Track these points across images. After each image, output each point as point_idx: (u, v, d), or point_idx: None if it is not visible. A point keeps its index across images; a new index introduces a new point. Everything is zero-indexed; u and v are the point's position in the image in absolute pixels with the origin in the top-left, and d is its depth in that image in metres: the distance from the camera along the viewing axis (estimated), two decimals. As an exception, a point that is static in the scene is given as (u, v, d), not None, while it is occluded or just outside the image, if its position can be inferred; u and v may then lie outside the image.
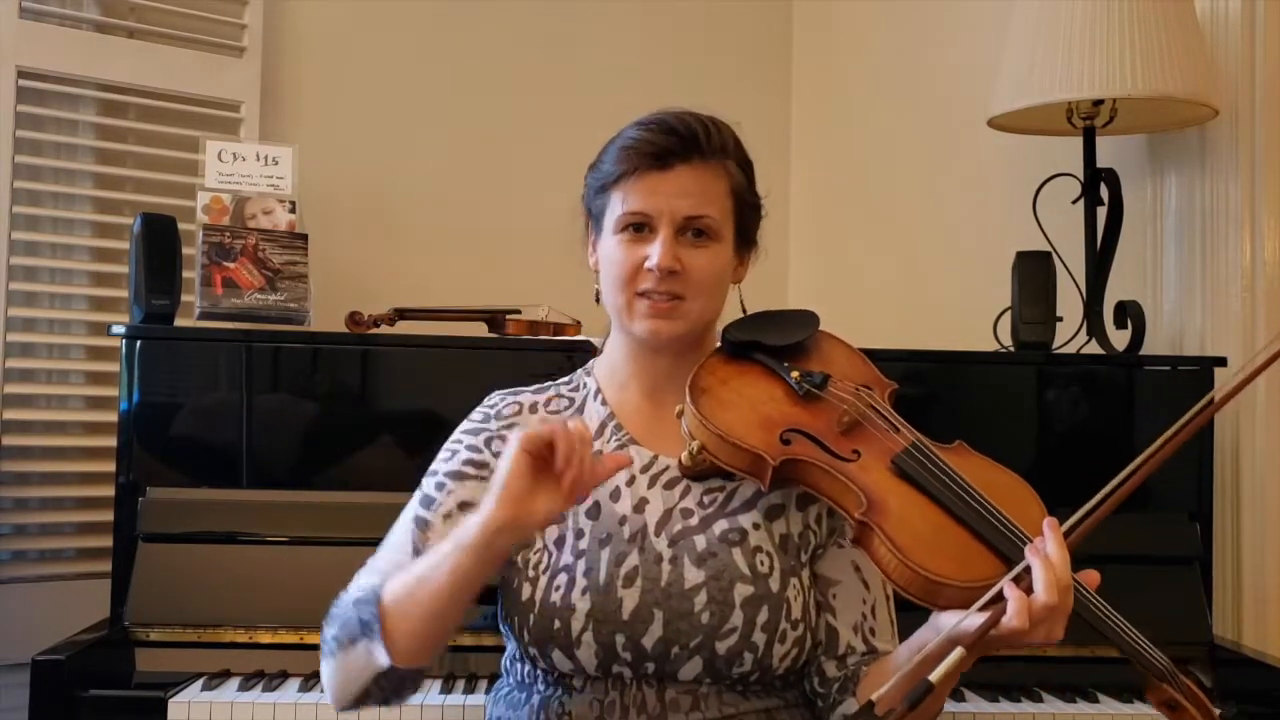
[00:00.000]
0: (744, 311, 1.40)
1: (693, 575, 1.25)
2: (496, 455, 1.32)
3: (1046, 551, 1.11)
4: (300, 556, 1.85)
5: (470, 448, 1.35)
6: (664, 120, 1.31)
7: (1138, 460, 1.17)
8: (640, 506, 1.30)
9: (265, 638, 1.79)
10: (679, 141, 1.29)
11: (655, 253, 1.27)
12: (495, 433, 1.35)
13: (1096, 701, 1.75)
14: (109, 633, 1.78)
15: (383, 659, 1.18)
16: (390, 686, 1.21)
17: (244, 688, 1.69)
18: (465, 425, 1.38)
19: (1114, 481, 1.16)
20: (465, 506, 1.30)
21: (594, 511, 1.30)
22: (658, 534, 1.28)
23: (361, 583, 1.26)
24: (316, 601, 1.81)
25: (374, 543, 1.85)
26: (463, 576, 1.15)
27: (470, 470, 1.33)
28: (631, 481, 1.31)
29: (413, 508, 1.33)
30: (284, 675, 1.75)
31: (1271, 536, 2.13)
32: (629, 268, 1.29)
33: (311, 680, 1.73)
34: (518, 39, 2.81)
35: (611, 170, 1.31)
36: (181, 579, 1.82)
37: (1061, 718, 1.70)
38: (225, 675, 1.74)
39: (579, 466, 1.11)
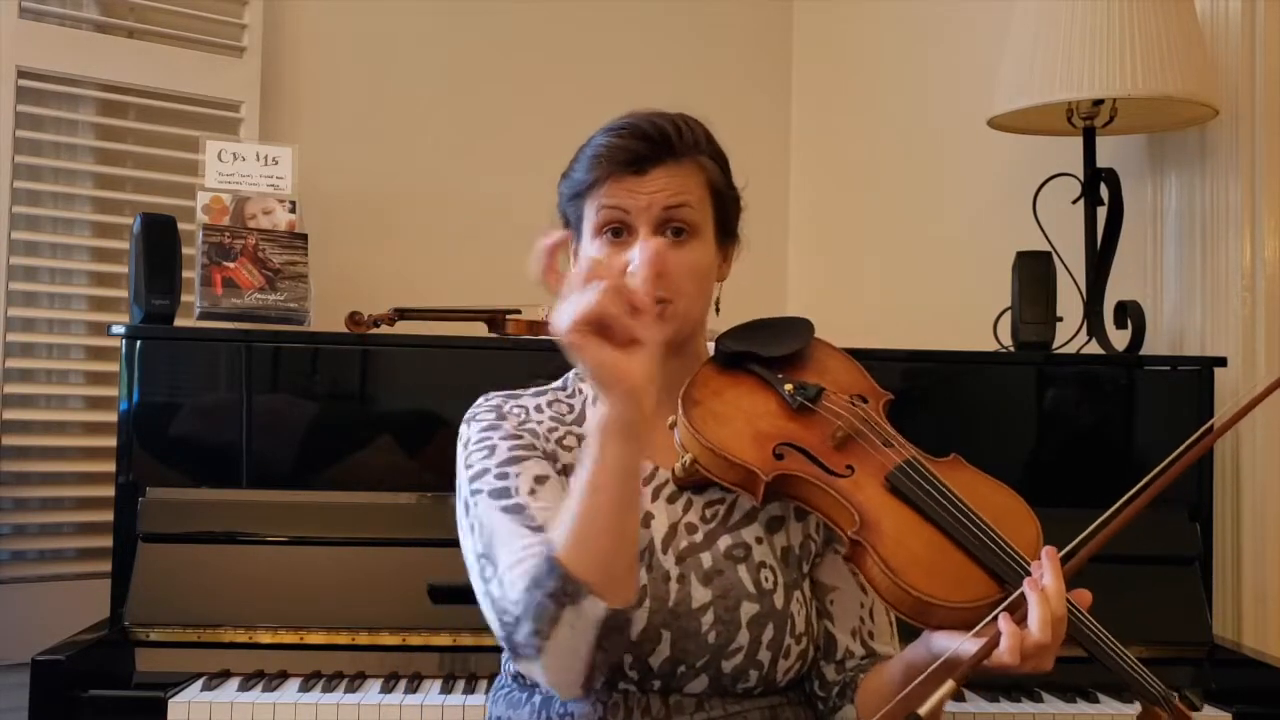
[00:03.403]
0: (717, 311, 1.37)
1: (700, 594, 1.24)
2: (535, 438, 1.30)
3: (1043, 584, 1.09)
4: (300, 556, 1.85)
5: (506, 436, 1.29)
6: (634, 125, 1.28)
7: (1138, 486, 1.15)
8: (646, 521, 1.28)
9: (265, 638, 1.79)
10: (650, 145, 1.27)
11: (635, 255, 1.25)
12: (518, 427, 1.31)
13: (1096, 701, 1.75)
14: (109, 633, 1.78)
15: (598, 608, 1.10)
16: (611, 641, 1.13)
17: (244, 688, 1.69)
18: (479, 425, 1.31)
19: (1114, 508, 1.14)
20: (541, 479, 1.25)
21: None
22: (665, 551, 1.27)
23: (516, 575, 1.15)
24: (316, 601, 1.83)
25: (374, 543, 1.88)
26: (628, 470, 1.12)
27: (523, 453, 1.27)
28: None
29: (489, 505, 1.22)
30: (284, 675, 1.75)
31: (1271, 536, 2.14)
32: (613, 278, 1.27)
33: (311, 680, 1.74)
34: (517, 39, 2.81)
35: (584, 178, 1.29)
36: (181, 579, 1.82)
37: (1061, 718, 1.70)
38: (225, 675, 1.74)
39: (620, 289, 1.10)
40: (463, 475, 1.28)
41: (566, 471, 1.30)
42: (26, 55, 2.27)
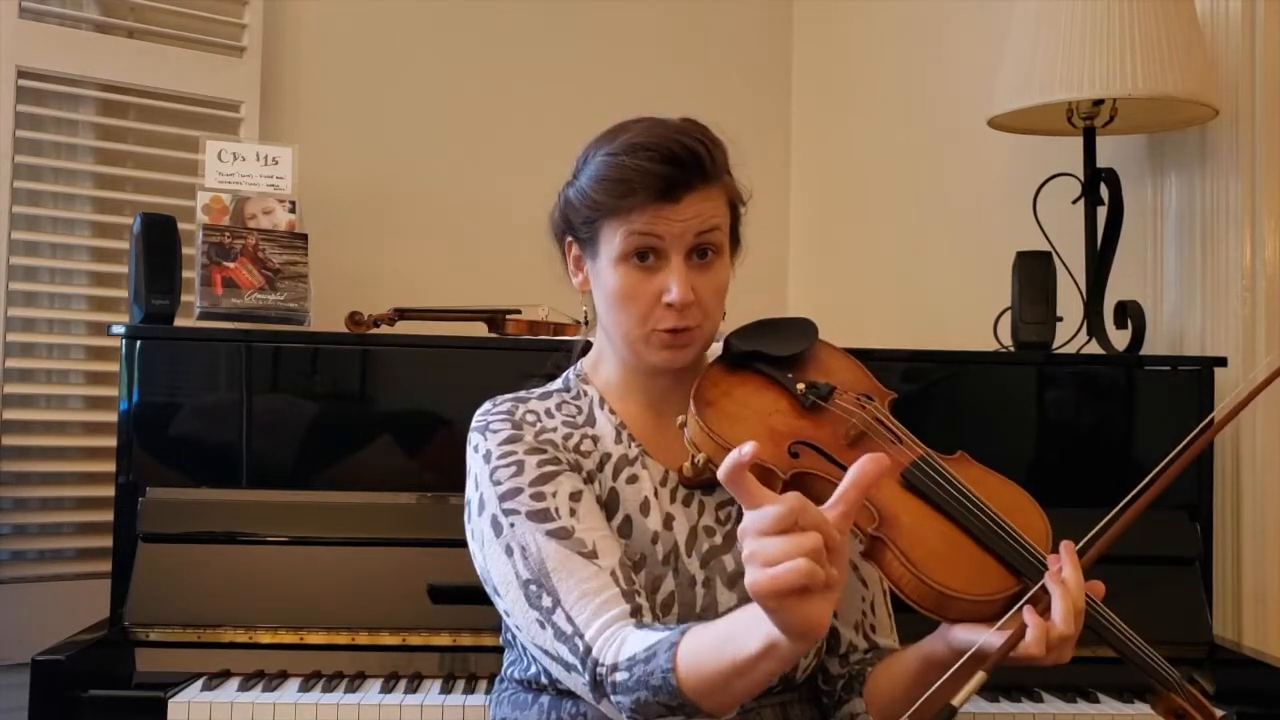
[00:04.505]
0: (723, 316, 1.36)
1: (725, 598, 1.24)
2: (557, 450, 1.27)
3: (1064, 576, 1.10)
4: (300, 556, 1.85)
5: (531, 451, 1.26)
6: (664, 148, 1.22)
7: (1149, 478, 1.16)
8: (669, 523, 1.28)
9: (265, 638, 1.79)
10: (684, 172, 1.22)
11: (674, 288, 1.22)
12: (536, 439, 1.28)
13: (1097, 701, 1.75)
14: (109, 633, 1.78)
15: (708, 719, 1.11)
16: None
17: (244, 688, 1.69)
18: (498, 437, 1.28)
19: (1122, 503, 1.15)
20: (576, 496, 1.24)
21: (626, 528, 1.27)
22: (689, 554, 1.27)
23: (589, 613, 1.15)
24: (316, 601, 1.83)
25: (374, 543, 1.88)
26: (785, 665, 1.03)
27: (552, 468, 1.25)
28: (656, 494, 1.30)
29: (532, 529, 1.21)
30: (284, 675, 1.75)
31: (1271, 536, 2.13)
32: (644, 304, 1.24)
33: (311, 680, 1.74)
34: (517, 39, 2.81)
35: (612, 203, 1.24)
36: (181, 579, 1.82)
37: (1061, 718, 1.70)
38: (225, 675, 1.74)
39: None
40: (489, 490, 1.25)
41: (590, 479, 1.29)
42: (26, 55, 2.27)
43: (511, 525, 1.22)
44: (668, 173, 1.22)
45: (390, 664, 1.78)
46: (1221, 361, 2.05)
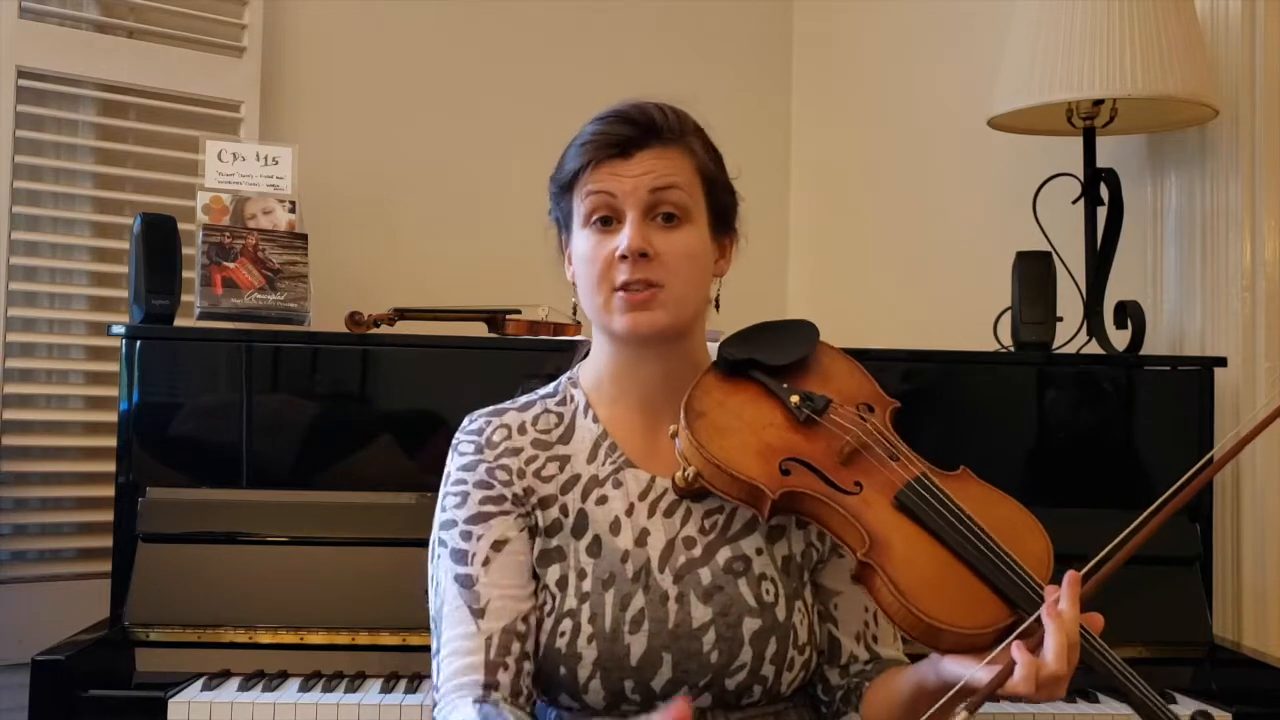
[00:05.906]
0: (716, 307, 1.34)
1: (700, 613, 1.22)
2: (506, 484, 1.27)
3: (1059, 610, 1.07)
4: (300, 556, 1.85)
5: (479, 485, 1.27)
6: (619, 111, 1.27)
7: (1146, 514, 1.13)
8: (642, 539, 1.26)
9: (265, 638, 1.79)
10: (636, 129, 1.25)
11: (624, 237, 1.22)
12: (495, 463, 1.28)
13: (1096, 701, 1.75)
14: (109, 633, 1.78)
15: None
16: None
17: (244, 688, 1.69)
18: (459, 461, 1.29)
19: (1121, 535, 1.12)
20: (499, 545, 1.24)
21: (594, 548, 1.25)
22: (662, 570, 1.24)
23: (448, 672, 1.20)
24: (317, 601, 1.83)
25: (374, 543, 1.88)
26: None
27: (491, 509, 1.26)
28: (630, 510, 1.27)
29: (448, 567, 1.24)
30: (284, 675, 1.75)
31: (1271, 536, 2.14)
32: (602, 263, 1.23)
33: (311, 680, 1.74)
34: (517, 40, 2.81)
35: (571, 167, 1.27)
36: (181, 579, 1.82)
37: (1061, 718, 1.70)
38: (225, 675, 1.74)
39: None
40: (437, 513, 1.29)
41: (543, 504, 1.27)
42: (26, 55, 2.27)
43: (439, 557, 1.26)
44: (618, 130, 1.26)
45: (390, 664, 1.78)
46: (1221, 361, 2.05)
